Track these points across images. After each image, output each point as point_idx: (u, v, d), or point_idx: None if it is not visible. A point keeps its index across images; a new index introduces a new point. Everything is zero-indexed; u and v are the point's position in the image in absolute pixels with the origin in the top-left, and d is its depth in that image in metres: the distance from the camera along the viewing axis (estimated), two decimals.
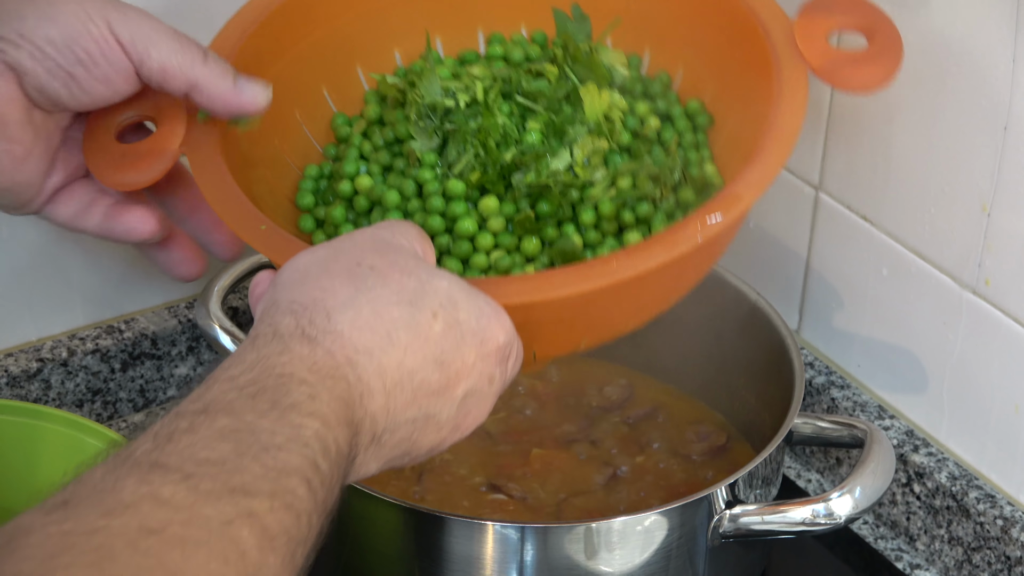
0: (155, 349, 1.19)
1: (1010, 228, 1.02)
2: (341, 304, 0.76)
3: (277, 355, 0.74)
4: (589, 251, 0.93)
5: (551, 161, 0.94)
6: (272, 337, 0.75)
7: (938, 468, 1.09)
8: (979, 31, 1.00)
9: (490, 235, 0.93)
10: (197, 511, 0.65)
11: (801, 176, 1.16)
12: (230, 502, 0.66)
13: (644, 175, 0.95)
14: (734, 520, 0.98)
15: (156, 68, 0.89)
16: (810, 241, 1.17)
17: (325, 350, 0.75)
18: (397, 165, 0.97)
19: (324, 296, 0.77)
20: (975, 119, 1.02)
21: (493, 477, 1.10)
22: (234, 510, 0.66)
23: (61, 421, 0.97)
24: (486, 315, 0.80)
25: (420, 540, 0.97)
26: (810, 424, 1.05)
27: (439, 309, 0.78)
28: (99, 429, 0.98)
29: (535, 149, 0.94)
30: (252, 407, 0.71)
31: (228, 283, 1.12)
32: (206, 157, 0.92)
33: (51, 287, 1.17)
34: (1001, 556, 1.05)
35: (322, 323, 0.75)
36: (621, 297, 0.87)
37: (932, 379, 1.11)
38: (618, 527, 0.96)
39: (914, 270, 1.09)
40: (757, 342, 1.11)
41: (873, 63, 0.94)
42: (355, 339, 0.75)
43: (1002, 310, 1.04)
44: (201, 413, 0.70)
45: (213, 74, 0.90)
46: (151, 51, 0.89)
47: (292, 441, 0.70)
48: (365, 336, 0.76)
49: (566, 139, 0.95)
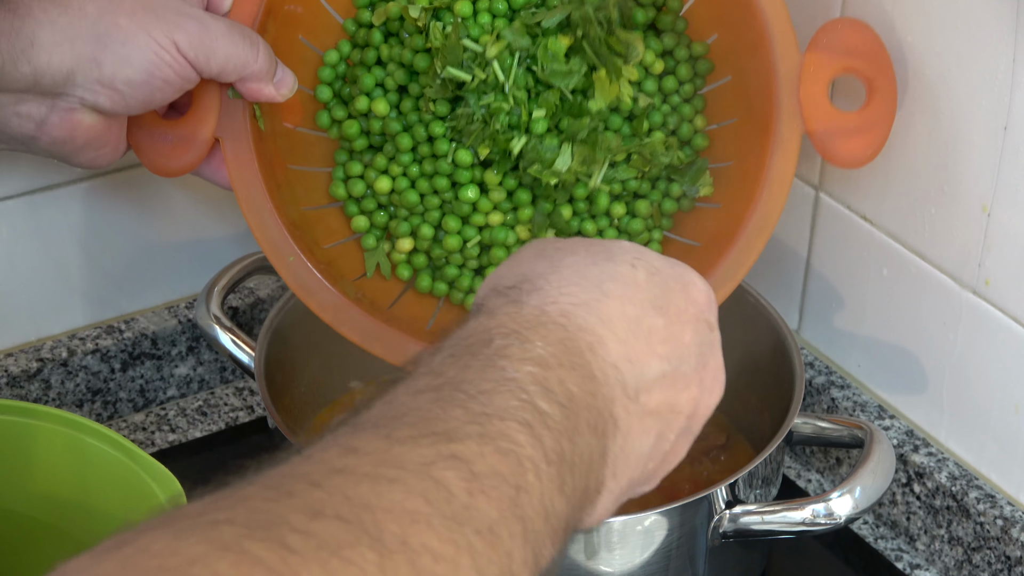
0: (155, 349, 1.19)
1: (1010, 228, 1.02)
2: (542, 274, 0.73)
3: (484, 321, 0.70)
4: (578, 222, 1.01)
5: (555, 161, 0.96)
6: (478, 312, 0.72)
7: (938, 468, 1.09)
8: (979, 31, 0.99)
9: (489, 202, 1.00)
10: (391, 454, 0.59)
11: (801, 176, 1.16)
12: (430, 446, 0.60)
13: (637, 162, 0.99)
14: (734, 520, 0.98)
15: (215, 70, 0.94)
16: (810, 241, 1.17)
17: (534, 307, 0.71)
18: (413, 91, 1.00)
19: (526, 272, 0.74)
20: (975, 119, 1.01)
21: None
22: (434, 453, 0.60)
23: (61, 421, 0.97)
24: (674, 263, 0.78)
25: None
26: (810, 424, 1.05)
27: (635, 260, 0.76)
28: (99, 429, 0.98)
29: (539, 150, 0.96)
30: (455, 363, 0.66)
31: (228, 283, 1.12)
32: (242, 160, 0.98)
33: (51, 287, 1.17)
34: (1001, 556, 1.05)
35: (528, 288, 0.72)
36: None
37: (932, 379, 1.11)
38: (618, 527, 0.96)
39: (914, 270, 1.09)
40: (757, 342, 1.11)
41: (865, 132, 0.99)
42: (566, 295, 0.72)
43: (1002, 310, 1.04)
44: (399, 382, 0.66)
45: (261, 70, 0.95)
46: (211, 59, 0.93)
47: (503, 384, 0.65)
48: (576, 292, 0.72)
49: (570, 132, 0.97)
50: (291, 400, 1.11)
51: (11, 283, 1.15)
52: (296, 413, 1.12)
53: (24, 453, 0.97)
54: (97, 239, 1.17)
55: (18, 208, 1.13)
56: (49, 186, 1.14)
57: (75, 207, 1.15)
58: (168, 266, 1.20)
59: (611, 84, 0.98)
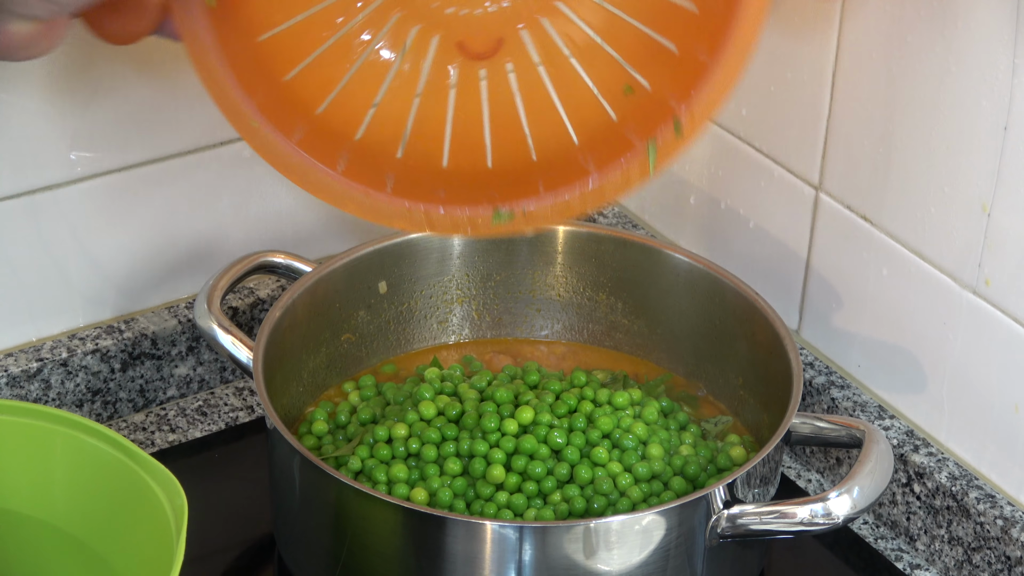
0: (155, 349, 1.19)
1: (1010, 228, 1.02)
2: None
3: None
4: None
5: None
6: None
7: (938, 468, 1.09)
8: (979, 31, 0.99)
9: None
10: None
11: (801, 176, 1.16)
12: None
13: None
14: (732, 520, 0.98)
15: None
16: (810, 241, 1.17)
17: None
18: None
19: None
20: (975, 119, 1.01)
21: None
22: None
23: (61, 421, 0.97)
24: None
25: (419, 540, 0.97)
26: (808, 424, 1.05)
27: None
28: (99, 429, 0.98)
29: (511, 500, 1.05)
30: None
31: (228, 283, 1.12)
32: (198, 28, 0.89)
33: (51, 287, 1.17)
34: (1001, 556, 1.05)
35: None
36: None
37: (932, 379, 1.11)
38: (616, 527, 0.96)
39: (914, 270, 1.09)
40: (756, 342, 1.11)
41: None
42: None
43: (1002, 310, 1.04)
44: None
45: None
46: None
47: None
48: None
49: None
50: (289, 400, 1.11)
51: (11, 283, 1.15)
52: (295, 413, 1.12)
53: (24, 453, 0.97)
54: (97, 239, 1.17)
55: (18, 208, 1.13)
56: (49, 186, 1.14)
57: (75, 207, 1.15)
58: (168, 266, 1.20)
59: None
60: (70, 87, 1.11)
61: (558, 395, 1.10)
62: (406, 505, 0.98)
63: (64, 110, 1.12)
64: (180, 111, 1.16)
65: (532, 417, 1.06)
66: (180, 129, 1.17)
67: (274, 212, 1.23)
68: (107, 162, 1.15)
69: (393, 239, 1.16)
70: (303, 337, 1.12)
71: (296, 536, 1.03)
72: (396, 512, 0.97)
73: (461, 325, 1.20)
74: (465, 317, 1.20)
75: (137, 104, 1.14)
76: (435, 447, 1.06)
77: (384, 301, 1.17)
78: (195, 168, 1.18)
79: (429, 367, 1.15)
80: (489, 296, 1.20)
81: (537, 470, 1.04)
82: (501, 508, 1.03)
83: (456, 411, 1.08)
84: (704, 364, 1.16)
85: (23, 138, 1.11)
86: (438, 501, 1.03)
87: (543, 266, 1.19)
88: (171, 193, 1.18)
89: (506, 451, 1.05)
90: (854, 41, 1.09)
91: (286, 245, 1.23)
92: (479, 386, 1.11)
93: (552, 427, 1.06)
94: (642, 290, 1.17)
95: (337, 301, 1.14)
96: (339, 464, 1.06)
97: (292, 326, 1.10)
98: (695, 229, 1.27)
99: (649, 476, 1.04)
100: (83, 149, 1.14)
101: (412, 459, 1.06)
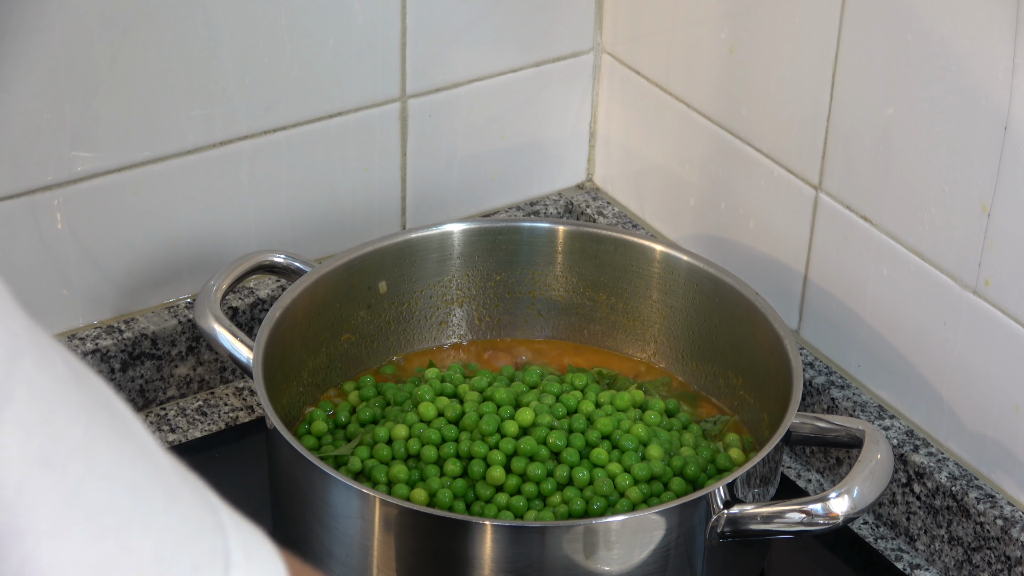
0: (155, 349, 1.19)
1: (1010, 228, 1.02)
2: None
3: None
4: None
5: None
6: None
7: (938, 468, 1.09)
8: (979, 32, 0.99)
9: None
10: None
11: (801, 176, 1.16)
12: None
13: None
14: (732, 520, 0.98)
15: None
16: (810, 241, 1.17)
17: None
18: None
19: None
20: (975, 119, 1.01)
21: None
22: None
23: None
24: None
25: (419, 540, 0.97)
26: (808, 424, 1.05)
27: None
28: None
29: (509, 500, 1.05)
30: None
31: (227, 283, 1.12)
32: None
33: (51, 287, 1.17)
34: (1001, 556, 1.05)
35: None
36: None
37: (932, 379, 1.11)
38: (616, 526, 0.96)
39: (914, 270, 1.09)
40: (756, 342, 1.11)
41: None
42: None
43: (1002, 310, 1.04)
44: None
45: None
46: None
47: None
48: None
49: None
50: (289, 400, 1.11)
51: (11, 283, 1.15)
52: (295, 413, 1.12)
53: None
54: (97, 239, 1.17)
55: (18, 208, 1.13)
56: (49, 186, 1.14)
57: (75, 207, 1.15)
58: (168, 266, 1.20)
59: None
60: (70, 87, 1.11)
61: (558, 396, 1.10)
62: (406, 505, 0.98)
63: (64, 110, 1.12)
64: (180, 111, 1.16)
65: (532, 419, 1.06)
66: (180, 129, 1.17)
67: (274, 212, 1.23)
68: (107, 162, 1.15)
69: (393, 239, 1.16)
70: (303, 337, 1.12)
71: (296, 536, 1.03)
72: (397, 512, 0.97)
73: (461, 325, 1.20)
74: (465, 317, 1.20)
75: (137, 104, 1.14)
76: (435, 448, 1.06)
77: (384, 301, 1.17)
78: (195, 168, 1.18)
79: (429, 367, 1.15)
80: (489, 296, 1.20)
81: (537, 472, 1.04)
82: (501, 510, 1.03)
83: (456, 412, 1.08)
84: (704, 364, 1.16)
85: (23, 138, 1.11)
86: (438, 502, 1.03)
87: (543, 266, 1.19)
88: (171, 193, 1.18)
89: (506, 452, 1.05)
90: (854, 41, 1.09)
91: (286, 245, 1.23)
92: (479, 387, 1.11)
93: (552, 428, 1.06)
94: (642, 290, 1.17)
95: (337, 301, 1.14)
96: (339, 464, 1.07)
97: (292, 326, 1.10)
98: (695, 229, 1.27)
99: (649, 477, 1.04)
100: (83, 149, 1.14)
101: (412, 460, 1.06)
